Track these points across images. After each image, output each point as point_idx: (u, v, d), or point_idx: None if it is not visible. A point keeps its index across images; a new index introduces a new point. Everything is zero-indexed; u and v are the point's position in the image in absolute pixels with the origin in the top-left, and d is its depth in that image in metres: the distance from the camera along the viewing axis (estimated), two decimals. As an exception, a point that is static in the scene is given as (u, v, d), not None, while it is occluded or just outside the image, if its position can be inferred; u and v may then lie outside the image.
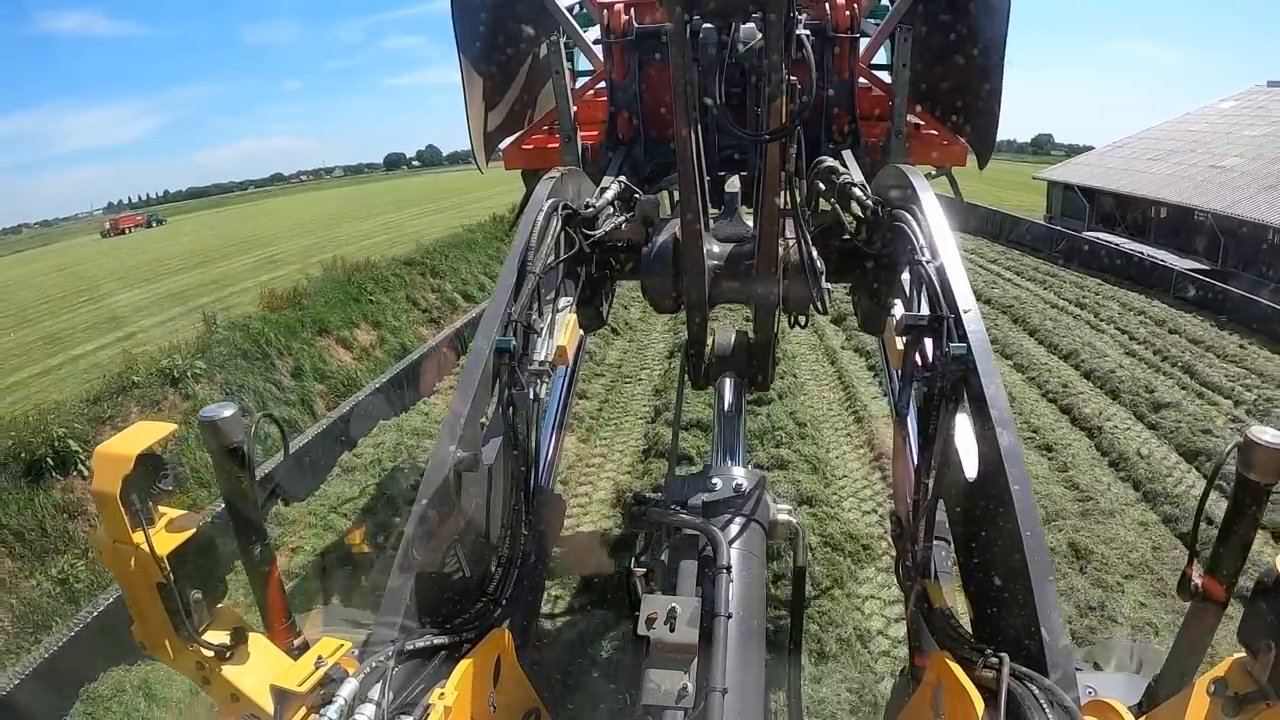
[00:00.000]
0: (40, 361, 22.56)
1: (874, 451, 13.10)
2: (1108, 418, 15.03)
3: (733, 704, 2.46)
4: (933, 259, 3.42)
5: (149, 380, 13.73)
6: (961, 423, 3.00)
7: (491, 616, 2.95)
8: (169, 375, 13.93)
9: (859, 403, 15.24)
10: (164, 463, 2.57)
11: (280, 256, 38.32)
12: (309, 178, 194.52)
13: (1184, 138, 37.60)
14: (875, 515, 11.19)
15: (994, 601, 2.75)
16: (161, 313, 26.94)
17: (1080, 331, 20.97)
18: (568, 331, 3.99)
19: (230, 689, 2.54)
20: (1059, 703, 2.17)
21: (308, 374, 16.39)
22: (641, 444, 13.96)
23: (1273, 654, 2.02)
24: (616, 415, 15.71)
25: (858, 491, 12.05)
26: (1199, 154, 34.74)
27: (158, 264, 44.54)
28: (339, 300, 19.37)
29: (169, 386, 13.84)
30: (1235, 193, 29.35)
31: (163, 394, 13.70)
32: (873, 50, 7.21)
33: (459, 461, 3.03)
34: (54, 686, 8.24)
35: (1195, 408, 15.29)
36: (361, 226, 48.83)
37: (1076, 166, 43.52)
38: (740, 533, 3.21)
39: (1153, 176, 34.76)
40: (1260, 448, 2.29)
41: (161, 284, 36.01)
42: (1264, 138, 33.13)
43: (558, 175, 4.53)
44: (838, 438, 14.06)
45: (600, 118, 7.00)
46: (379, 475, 12.92)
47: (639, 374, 18.03)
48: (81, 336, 25.80)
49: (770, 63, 2.96)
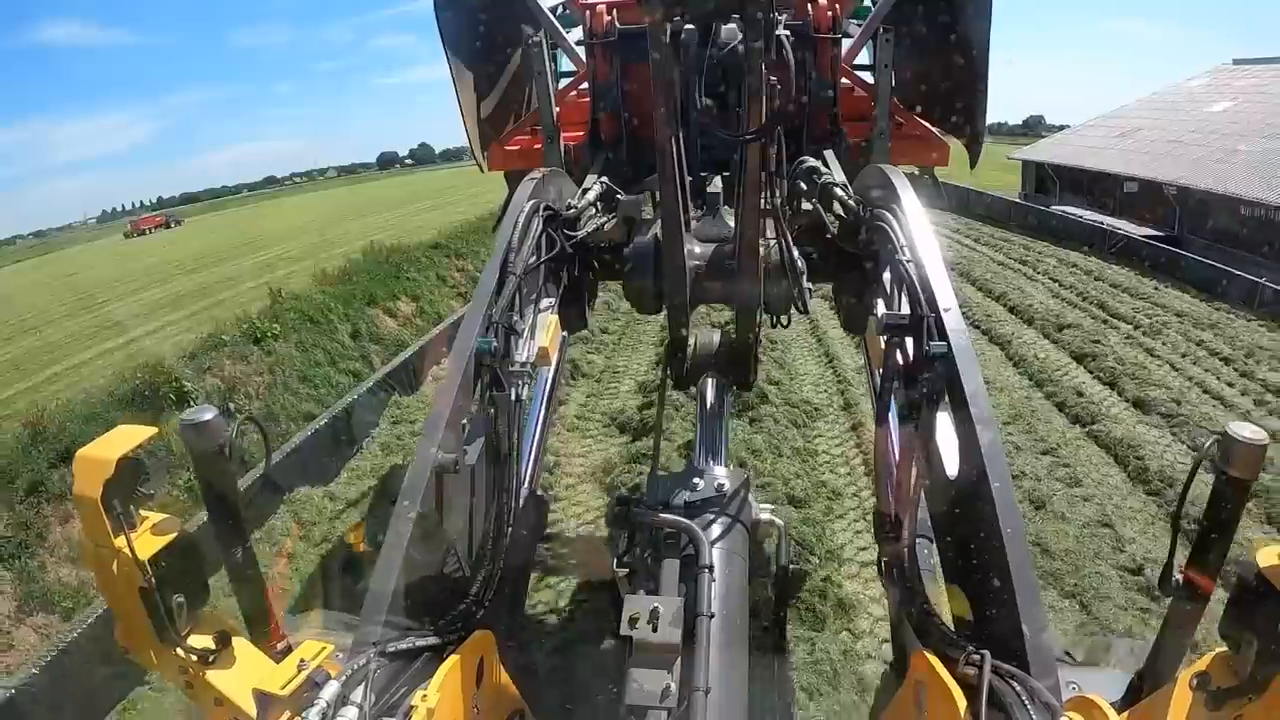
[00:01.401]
0: (128, 332, 26.33)
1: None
2: (1018, 336, 18.92)
3: (716, 703, 2.47)
4: (913, 258, 3.44)
5: (236, 339, 16.34)
6: (943, 421, 3.02)
7: (475, 618, 2.93)
8: (251, 335, 16.61)
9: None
10: (145, 467, 2.55)
11: (308, 249, 40.77)
12: (303, 179, 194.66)
13: (1149, 115, 39.26)
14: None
15: (976, 598, 2.76)
16: (222, 293, 30.61)
17: (1015, 280, 24.74)
18: (550, 332, 3.98)
19: (214, 693, 2.53)
20: (1041, 699, 2.17)
21: (364, 336, 19.36)
22: (653, 358, 17.27)
23: (1254, 648, 2.04)
24: (632, 342, 19.27)
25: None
26: (1161, 130, 36.41)
27: (201, 257, 48.58)
28: (381, 277, 22.44)
29: (253, 345, 16.35)
30: (1191, 166, 30.88)
31: (249, 350, 16.16)
32: (855, 50, 7.24)
33: (441, 463, 3.02)
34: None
35: (1093, 326, 19.46)
36: (371, 221, 51.07)
37: (1048, 145, 45.41)
38: (723, 532, 3.22)
39: (1117, 153, 36.43)
40: (1240, 444, 2.32)
41: (212, 271, 40.12)
42: (1222, 113, 34.76)
43: (540, 176, 4.52)
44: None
45: (583, 118, 6.99)
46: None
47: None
48: (164, 312, 30.03)
49: (750, 63, 2.97)
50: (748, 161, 3.50)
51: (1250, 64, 39.43)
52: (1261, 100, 33.65)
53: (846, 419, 14.10)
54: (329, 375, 17.05)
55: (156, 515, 2.59)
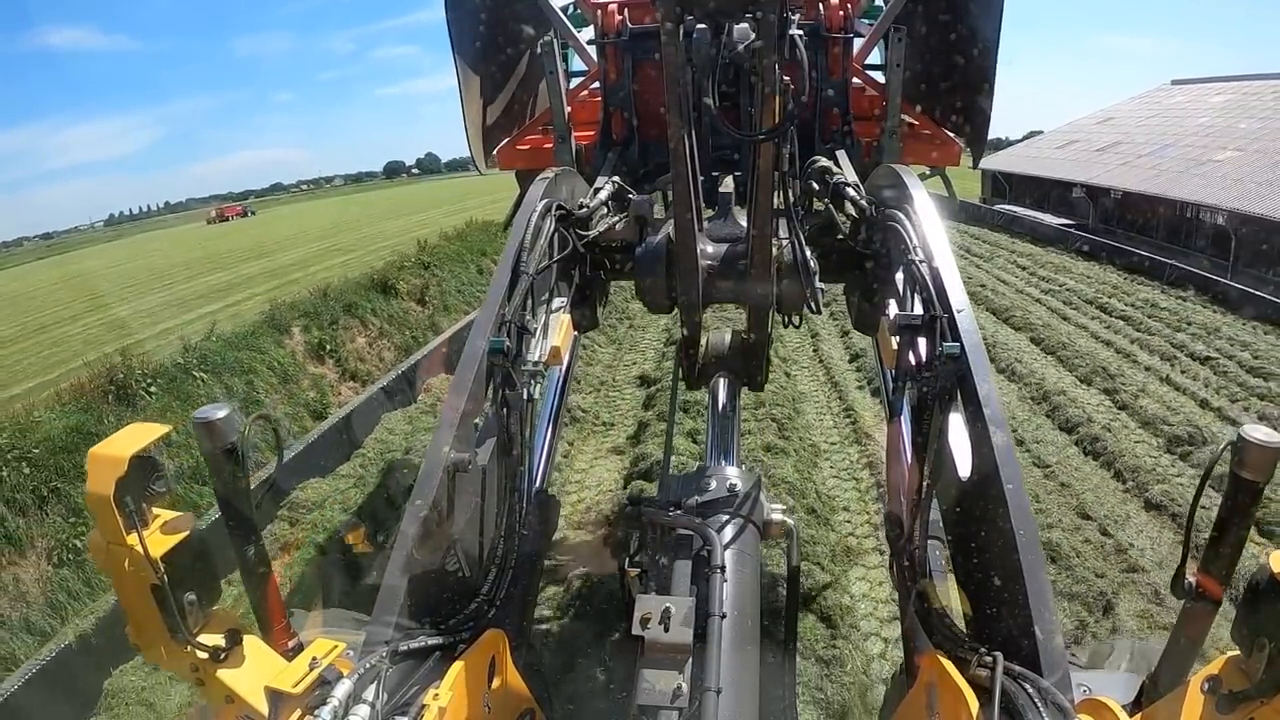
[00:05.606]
0: (287, 274, 36.11)
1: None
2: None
3: (727, 704, 2.46)
4: (926, 258, 3.43)
5: (411, 265, 25.05)
6: (955, 421, 3.01)
7: (486, 617, 2.94)
8: (421, 263, 25.68)
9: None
10: (158, 464, 2.55)
11: (400, 230, 49.42)
12: (310, 187, 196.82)
13: (1088, 129, 46.47)
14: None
15: (988, 600, 2.75)
16: (355, 250, 42.47)
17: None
18: (562, 332, 3.98)
19: (225, 691, 2.53)
20: (1053, 701, 2.16)
21: (485, 273, 26.59)
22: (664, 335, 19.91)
23: (1266, 652, 2.02)
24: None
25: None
26: (1091, 141, 43.84)
27: (306, 232, 62.08)
28: (487, 238, 29.66)
29: (422, 269, 25.20)
30: (1105, 169, 38.41)
31: (422, 271, 25.00)
32: (866, 50, 7.23)
33: (453, 462, 3.02)
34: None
35: (1020, 282, 27.33)
36: (406, 221, 57.90)
37: (1004, 155, 52.03)
38: (735, 533, 3.21)
39: (1053, 160, 44.11)
40: (1254, 446, 2.30)
41: (335, 239, 52.59)
42: (1145, 127, 41.69)
43: (551, 176, 4.51)
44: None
45: (594, 118, 7.00)
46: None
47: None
48: (326, 258, 40.59)
49: (763, 63, 2.97)
50: (760, 161, 3.50)
51: (1186, 84, 46.63)
52: (1177, 116, 41.14)
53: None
54: (469, 291, 25.61)
55: (169, 513, 2.60)
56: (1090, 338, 20.09)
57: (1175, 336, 19.56)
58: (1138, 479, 12.00)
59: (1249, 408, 14.48)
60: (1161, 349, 18.48)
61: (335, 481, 12.93)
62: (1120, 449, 12.96)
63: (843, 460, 13.15)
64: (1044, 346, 19.29)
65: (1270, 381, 15.63)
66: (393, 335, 21.39)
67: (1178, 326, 20.51)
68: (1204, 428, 13.39)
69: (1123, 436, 13.61)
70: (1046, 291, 25.69)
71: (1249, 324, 20.49)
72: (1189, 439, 13.04)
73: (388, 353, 20.73)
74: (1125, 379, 16.40)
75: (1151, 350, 18.56)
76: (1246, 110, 37.18)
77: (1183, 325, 20.58)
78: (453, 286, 25.46)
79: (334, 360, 18.92)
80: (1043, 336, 19.94)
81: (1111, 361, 17.81)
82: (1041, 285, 26.76)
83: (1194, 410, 14.77)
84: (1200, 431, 13.18)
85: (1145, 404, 14.74)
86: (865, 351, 17.00)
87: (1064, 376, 17.07)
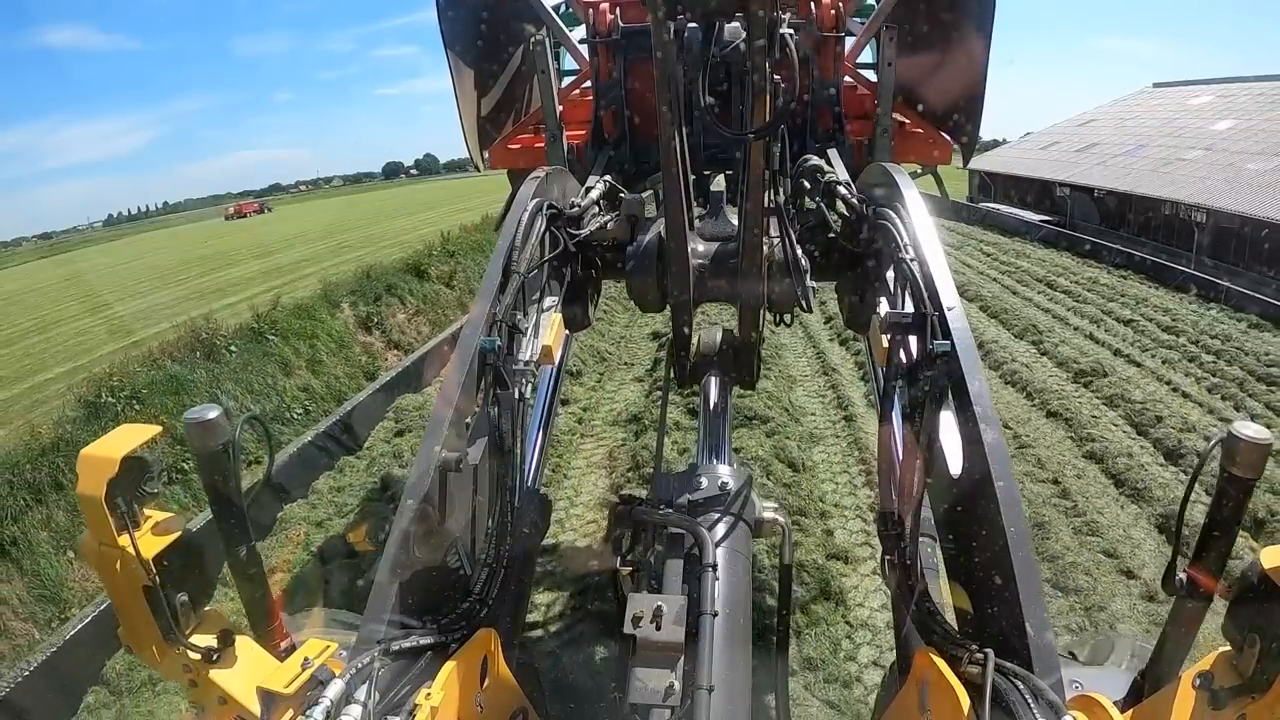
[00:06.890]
0: (321, 261, 38.07)
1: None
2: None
3: (719, 702, 2.46)
4: (916, 256, 3.44)
5: (438, 254, 27.25)
6: (946, 419, 3.02)
7: (478, 616, 2.94)
8: (446, 251, 27.82)
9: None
10: (149, 464, 2.54)
11: (415, 224, 52.47)
12: (308, 187, 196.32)
13: (1071, 131, 47.83)
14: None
15: (980, 597, 2.75)
16: (380, 241, 43.91)
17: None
18: (553, 331, 3.97)
19: (218, 692, 2.52)
20: (1044, 698, 2.17)
21: None
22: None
23: (1257, 648, 2.04)
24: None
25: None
26: (1072, 142, 45.36)
27: (325, 225, 64.36)
28: (493, 234, 27.50)
29: (448, 257, 27.46)
30: (1083, 169, 40.22)
31: (448, 259, 27.18)
32: (858, 49, 7.22)
33: (444, 462, 3.02)
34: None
35: (982, 265, 29.89)
36: (443, 209, 60.32)
37: (989, 156, 52.31)
38: (726, 531, 3.21)
39: (1035, 161, 45.71)
40: (1244, 443, 2.32)
41: (357, 232, 55.04)
42: (1125, 129, 43.10)
43: (542, 175, 4.51)
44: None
45: (586, 117, 6.98)
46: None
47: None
48: (348, 250, 41.64)
49: (754, 62, 2.97)
50: (751, 160, 3.49)
51: (1168, 87, 47.91)
52: (1154, 119, 42.50)
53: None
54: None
55: (160, 514, 2.59)
56: (1034, 307, 23.36)
57: (1107, 305, 22.98)
58: (1043, 398, 15.67)
59: (1154, 355, 18.22)
60: (1092, 314, 22.04)
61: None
62: (1033, 378, 16.82)
63: (813, 385, 16.98)
64: (989, 312, 22.66)
65: (1181, 338, 19.26)
66: (428, 313, 24.13)
67: (1111, 298, 23.84)
68: (1104, 363, 17.23)
69: (1038, 370, 17.62)
70: (1003, 272, 28.89)
71: (1182, 297, 23.72)
72: (1091, 371, 16.83)
73: (424, 327, 23.50)
74: (1052, 334, 20.04)
75: (1083, 315, 22.06)
76: (1219, 112, 39.11)
77: (1116, 297, 23.91)
78: (475, 273, 27.23)
79: (380, 331, 21.82)
80: (989, 305, 23.25)
81: (1044, 321, 21.42)
82: (999, 267, 29.97)
83: (1106, 356, 18.28)
84: (1101, 366, 17.03)
85: (1062, 349, 18.57)
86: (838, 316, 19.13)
87: (1002, 333, 20.71)
